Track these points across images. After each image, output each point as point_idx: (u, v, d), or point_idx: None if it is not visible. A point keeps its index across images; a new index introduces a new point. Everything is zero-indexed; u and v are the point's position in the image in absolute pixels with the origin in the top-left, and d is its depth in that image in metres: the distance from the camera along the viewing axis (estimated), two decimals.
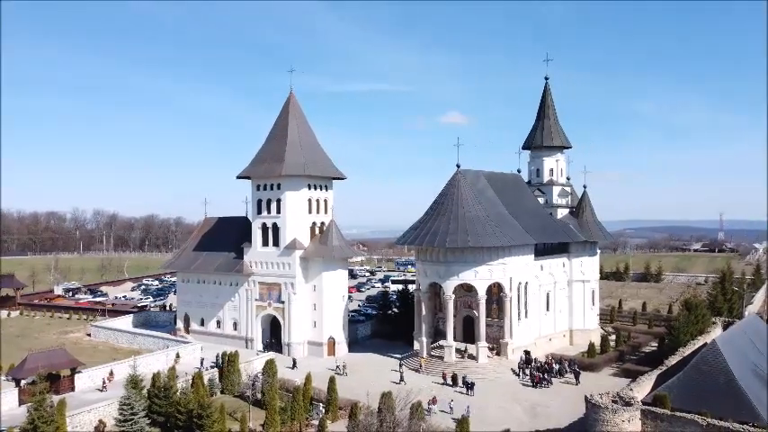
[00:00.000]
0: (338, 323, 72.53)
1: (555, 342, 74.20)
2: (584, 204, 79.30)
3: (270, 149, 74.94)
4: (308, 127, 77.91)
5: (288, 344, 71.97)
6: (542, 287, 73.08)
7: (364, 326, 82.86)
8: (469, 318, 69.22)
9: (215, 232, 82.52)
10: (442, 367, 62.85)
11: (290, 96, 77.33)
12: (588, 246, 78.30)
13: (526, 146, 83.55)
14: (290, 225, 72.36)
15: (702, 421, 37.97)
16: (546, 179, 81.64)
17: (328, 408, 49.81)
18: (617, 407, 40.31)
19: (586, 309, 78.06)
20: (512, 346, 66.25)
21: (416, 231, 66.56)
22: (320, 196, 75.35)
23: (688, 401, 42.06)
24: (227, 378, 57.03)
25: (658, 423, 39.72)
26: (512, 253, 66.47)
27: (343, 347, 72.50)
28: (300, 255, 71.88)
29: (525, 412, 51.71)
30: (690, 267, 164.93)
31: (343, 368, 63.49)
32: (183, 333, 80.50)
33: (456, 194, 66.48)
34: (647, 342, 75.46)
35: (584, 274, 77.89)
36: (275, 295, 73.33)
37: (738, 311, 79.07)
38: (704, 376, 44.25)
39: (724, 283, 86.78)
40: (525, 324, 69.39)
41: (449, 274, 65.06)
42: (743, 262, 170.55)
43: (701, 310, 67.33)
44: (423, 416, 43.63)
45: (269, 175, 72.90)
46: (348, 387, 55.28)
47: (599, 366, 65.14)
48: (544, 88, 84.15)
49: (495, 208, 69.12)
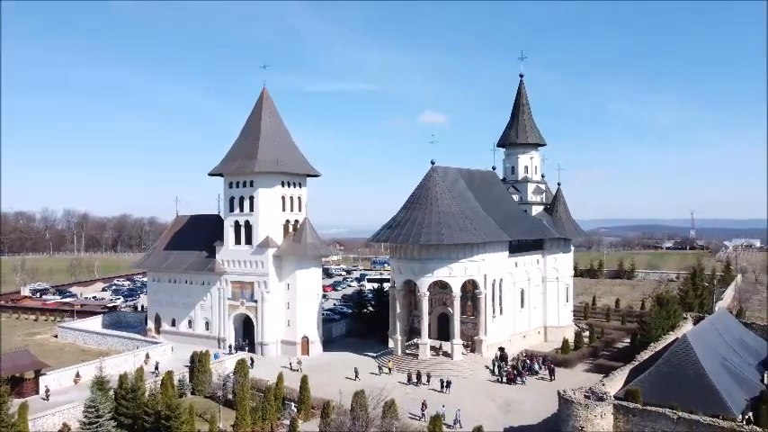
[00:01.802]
0: (312, 322, 71.69)
1: (529, 339, 74.33)
2: (558, 202, 79.63)
3: (242, 146, 73.80)
4: (282, 123, 76.92)
5: (261, 343, 70.93)
6: (517, 284, 73.14)
7: (339, 325, 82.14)
8: (444, 315, 68.96)
9: (187, 231, 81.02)
10: (414, 365, 62.43)
11: (262, 92, 76.25)
12: (562, 243, 78.65)
13: (501, 143, 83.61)
14: (263, 223, 71.33)
15: (673, 415, 38.10)
16: (521, 176, 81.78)
17: (300, 407, 49.08)
18: (590, 402, 40.27)
19: (560, 305, 78.39)
20: (486, 343, 66.15)
21: (391, 228, 66.06)
22: (294, 193, 74.42)
23: (659, 395, 42.22)
24: (198, 378, 55.93)
25: (630, 417, 39.77)
26: (486, 250, 66.37)
27: (318, 346, 71.70)
28: (274, 253, 70.89)
29: (499, 409, 51.57)
30: (662, 264, 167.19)
31: (299, 365, 62.97)
32: (154, 333, 78.90)
33: (430, 191, 66.15)
34: (620, 338, 75.99)
35: (558, 271, 78.21)
36: (248, 294, 72.21)
37: (709, 307, 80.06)
38: (675, 370, 44.49)
39: (695, 280, 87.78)
40: (500, 321, 69.35)
41: (423, 272, 64.70)
42: (713, 259, 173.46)
43: (673, 306, 67.93)
44: (396, 414, 43.11)
45: (241, 172, 71.77)
46: (321, 386, 54.66)
47: (573, 362, 65.36)
48: (519, 86, 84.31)
49: (470, 205, 68.98)
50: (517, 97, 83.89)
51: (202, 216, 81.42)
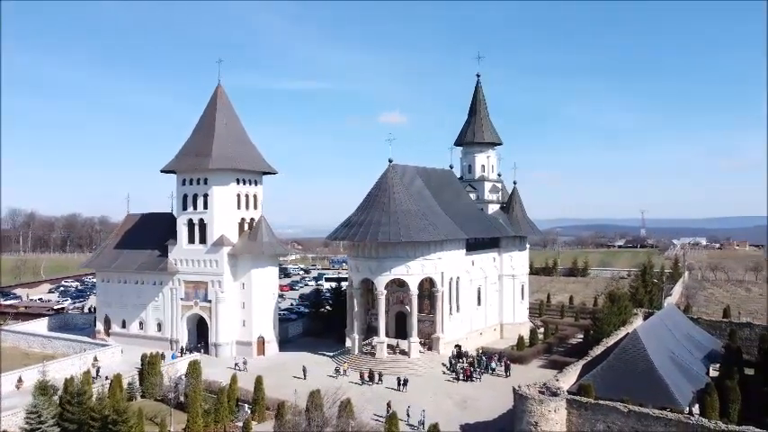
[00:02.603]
0: (268, 322, 70.57)
1: (486, 336, 75.01)
2: (514, 200, 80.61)
3: (196, 143, 72.09)
4: (237, 120, 75.46)
5: (215, 344, 69.42)
6: (473, 282, 73.67)
7: (296, 324, 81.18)
8: (402, 313, 68.87)
9: (138, 229, 78.68)
10: (371, 364, 62.11)
11: (217, 88, 74.64)
12: (518, 241, 79.63)
13: (458, 142, 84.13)
14: (218, 221, 69.82)
15: (624, 408, 38.84)
16: (477, 175, 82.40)
17: (255, 408, 48.12)
18: (544, 397, 40.70)
19: (516, 303, 79.40)
20: (443, 340, 66.36)
21: (348, 227, 65.56)
22: (249, 191, 73.10)
23: (611, 389, 43.02)
24: (148, 381, 54.20)
25: (583, 411, 40.36)
26: (443, 248, 66.59)
27: (274, 346, 70.62)
28: (228, 252, 69.48)
29: (456, 406, 51.72)
30: (614, 262, 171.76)
31: (244, 365, 62.19)
32: (104, 336, 76.33)
33: (388, 190, 65.93)
34: (573, 334, 77.44)
35: (513, 269, 79.17)
36: (202, 294, 70.57)
37: (658, 303, 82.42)
38: (626, 365, 45.41)
39: (645, 277, 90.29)
40: (457, 318, 69.70)
41: (381, 270, 64.44)
42: (662, 257, 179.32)
43: (624, 302, 69.60)
44: (352, 413, 42.69)
45: (195, 170, 70.11)
46: (277, 386, 53.82)
47: (528, 359, 66.20)
48: (476, 86, 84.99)
49: (427, 203, 69.10)
50: (474, 97, 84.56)
51: (154, 214, 79.21)
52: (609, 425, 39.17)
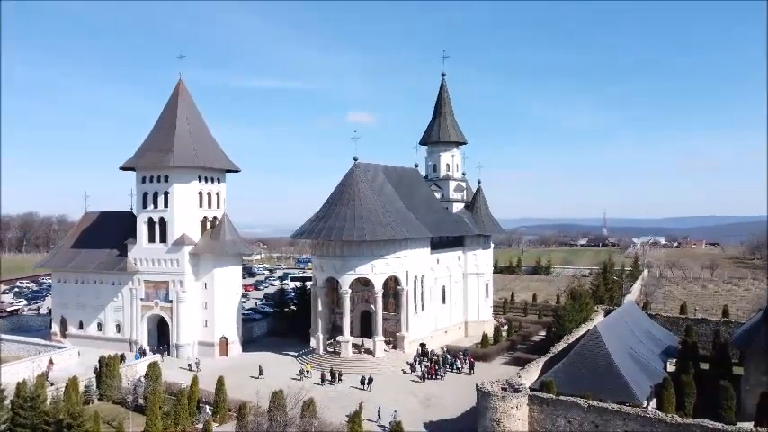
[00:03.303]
0: (231, 322, 69.52)
1: (450, 334, 75.39)
2: (478, 199, 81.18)
3: (156, 139, 70.54)
4: (199, 117, 74.13)
5: (176, 345, 68.04)
6: (438, 280, 73.93)
7: (260, 324, 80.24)
8: (367, 312, 68.69)
9: (96, 228, 76.58)
10: (335, 364, 61.77)
11: (178, 84, 73.15)
12: (482, 239, 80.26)
13: (424, 141, 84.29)
14: (179, 219, 68.44)
15: (584, 403, 39.40)
16: (442, 174, 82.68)
17: (216, 409, 47.27)
18: (506, 394, 40.99)
19: (480, 301, 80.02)
20: (408, 339, 66.41)
21: (312, 225, 65.06)
22: (212, 189, 71.88)
23: (572, 385, 43.59)
24: (106, 383, 52.75)
25: (544, 407, 40.81)
26: (408, 246, 66.64)
27: (237, 347, 69.62)
28: (190, 251, 68.19)
29: (420, 404, 51.77)
30: (576, 261, 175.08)
31: (197, 365, 61.52)
32: (60, 338, 74.09)
33: (353, 188, 65.64)
34: (536, 331, 78.42)
35: (478, 268, 79.75)
36: (163, 294, 69.09)
37: (618, 300, 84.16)
38: (586, 361, 46.07)
39: (605, 275, 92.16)
40: (422, 317, 69.85)
41: (345, 269, 64.11)
42: (623, 255, 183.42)
43: (585, 300, 70.89)
44: (314, 413, 42.28)
45: (155, 167, 68.57)
46: (239, 387, 53.06)
47: (492, 356, 66.75)
48: (441, 85, 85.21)
49: (393, 202, 69.04)
50: (439, 96, 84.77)
51: (113, 213, 77.24)
52: (569, 420, 39.70)
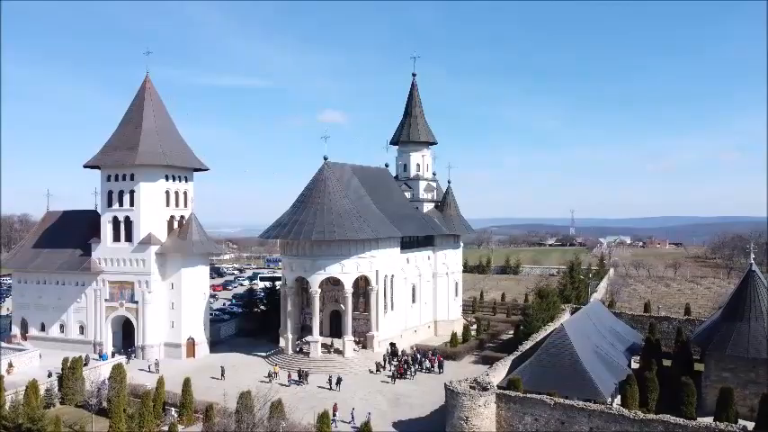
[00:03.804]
0: (198, 322, 68.56)
1: (420, 333, 75.65)
2: (448, 199, 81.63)
3: (122, 137, 69.16)
4: (167, 114, 72.91)
5: (142, 346, 66.81)
6: (408, 280, 74.10)
7: (228, 325, 79.34)
8: (337, 312, 68.49)
9: (59, 227, 74.69)
10: (305, 364, 61.44)
11: (145, 81, 71.79)
12: (452, 239, 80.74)
13: (394, 141, 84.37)
14: (145, 219, 67.21)
15: (550, 401, 39.94)
16: (413, 174, 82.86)
17: (182, 411, 46.54)
18: (474, 392, 41.30)
19: (450, 300, 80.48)
20: (378, 338, 66.42)
21: (282, 225, 64.58)
22: (179, 188, 70.78)
23: (539, 383, 44.14)
24: (68, 387, 51.48)
25: (512, 405, 41.24)
26: (378, 246, 66.63)
27: (204, 348, 68.69)
28: (156, 251, 67.01)
29: (389, 403, 51.82)
30: (545, 260, 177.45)
31: (156, 366, 60.88)
32: (20, 340, 72.06)
33: (323, 187, 65.38)
34: (505, 330, 79.19)
35: (448, 267, 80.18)
36: (128, 295, 67.75)
37: (584, 299, 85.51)
38: (553, 359, 46.69)
39: (572, 274, 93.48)
40: (391, 316, 69.91)
41: (315, 268, 63.80)
42: (590, 255, 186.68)
43: (552, 298, 71.85)
44: (283, 413, 41.94)
45: (121, 165, 67.21)
46: (206, 389, 52.41)
47: (461, 355, 67.19)
48: (411, 85, 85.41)
49: (363, 201, 68.96)
50: (410, 96, 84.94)
51: (77, 212, 75.46)
52: (536, 417, 40.20)
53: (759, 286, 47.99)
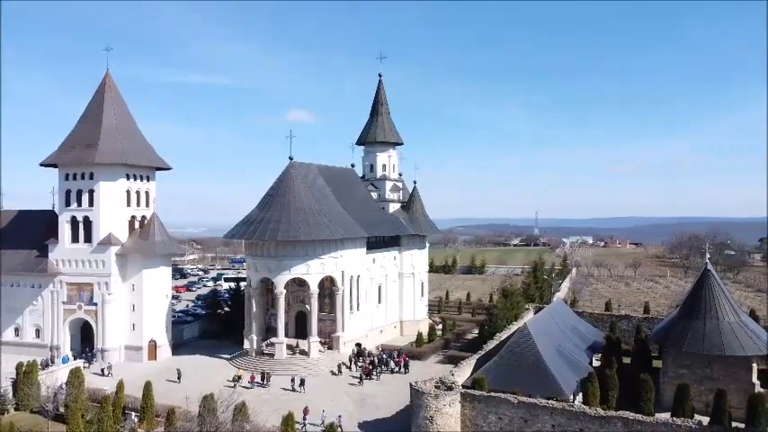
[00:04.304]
0: (161, 324, 67.25)
1: (386, 333, 75.76)
2: (414, 199, 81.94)
3: (81, 134, 67.34)
4: (127, 112, 71.29)
5: (102, 350, 65.17)
6: (374, 280, 74.13)
7: (192, 326, 78.00)
8: (302, 313, 68.05)
9: (13, 228, 72.13)
10: (270, 365, 60.87)
11: (105, 77, 70.04)
12: (418, 239, 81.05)
13: (360, 141, 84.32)
14: (105, 219, 65.60)
15: (514, 399, 40.42)
16: (379, 174, 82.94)
17: (143, 416, 45.56)
18: (439, 392, 41.51)
19: (416, 300, 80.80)
20: (344, 339, 66.25)
21: (247, 225, 63.86)
22: (141, 187, 69.31)
23: (503, 382, 44.63)
24: (23, 392, 49.83)
25: (476, 404, 41.58)
26: (344, 246, 66.46)
27: (167, 350, 67.43)
28: (117, 251, 65.47)
29: (355, 404, 51.70)
30: (509, 260, 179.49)
31: (109, 369, 59.91)
32: None
33: (288, 187, 64.90)
34: (470, 329, 79.85)
35: (413, 267, 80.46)
36: (87, 297, 66.02)
37: (548, 298, 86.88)
38: (517, 358, 47.28)
39: (536, 274, 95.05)
40: (357, 317, 69.83)
41: (280, 269, 63.27)
42: (553, 254, 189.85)
43: (516, 298, 72.81)
44: (246, 416, 41.46)
45: (79, 163, 65.45)
46: (168, 392, 51.40)
47: (426, 355, 67.50)
48: (377, 86, 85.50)
49: (328, 201, 68.70)
50: (376, 96, 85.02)
51: (32, 211, 73.05)
52: (500, 416, 40.62)
53: (714, 285, 49.46)
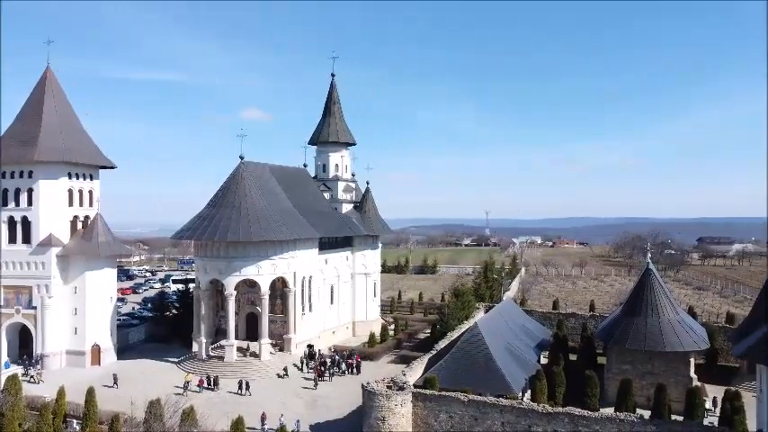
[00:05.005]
0: (105, 328, 65.05)
1: (338, 334, 75.51)
2: (367, 200, 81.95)
3: (19, 131, 64.40)
4: (70, 108, 68.65)
5: (41, 355, 62.54)
6: (327, 281, 73.78)
7: (138, 330, 75.81)
8: (253, 314, 67.09)
9: None
10: (217, 369, 59.76)
11: (46, 72, 67.22)
12: (371, 240, 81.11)
13: (313, 141, 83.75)
14: (45, 219, 62.99)
15: (464, 398, 40.92)
16: (331, 174, 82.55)
17: (85, 423, 43.97)
18: (390, 392, 41.61)
19: (369, 300, 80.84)
20: (295, 340, 65.68)
21: (196, 225, 62.54)
22: (84, 187, 66.88)
23: (454, 380, 45.17)
24: None
25: (427, 403, 41.89)
26: (296, 247, 65.91)
27: (111, 355, 65.31)
28: (58, 253, 62.98)
29: (306, 406, 51.30)
30: (461, 260, 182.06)
31: (39, 376, 58.19)
32: None
33: (239, 187, 63.88)
34: (422, 329, 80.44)
35: (366, 268, 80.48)
36: (25, 300, 63.20)
37: (498, 297, 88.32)
38: (467, 356, 47.92)
39: (487, 273, 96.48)
40: (309, 318, 69.35)
41: (230, 270, 62.21)
42: (503, 254, 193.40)
43: (467, 297, 73.72)
44: (195, 421, 40.57)
45: (17, 161, 62.53)
46: (112, 398, 49.88)
47: (379, 355, 67.61)
48: (330, 85, 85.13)
49: (280, 201, 68.01)
50: (329, 96, 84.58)
51: None
52: (451, 415, 41.04)
53: (655, 284, 51.38)
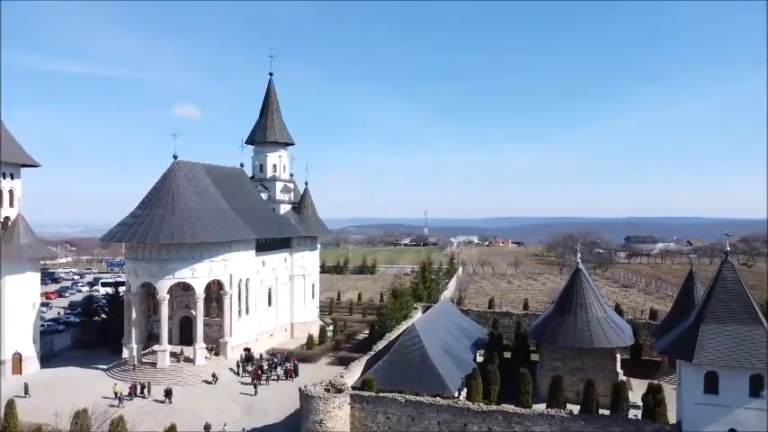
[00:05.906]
0: (27, 335, 61.70)
1: (276, 337, 74.56)
2: (305, 201, 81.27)
3: None
4: None
5: None
6: (264, 283, 72.71)
7: (63, 336, 72.28)
8: (187, 318, 65.35)
9: None
10: (149, 375, 57.89)
11: None
12: (309, 240, 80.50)
13: (250, 141, 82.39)
14: None
15: (401, 398, 41.22)
16: (269, 175, 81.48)
17: None
18: (328, 395, 41.42)
19: (307, 302, 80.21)
20: (232, 344, 64.36)
21: (127, 226, 60.32)
22: (4, 186, 63.22)
23: (392, 381, 45.40)
24: None
25: (365, 405, 41.95)
26: (233, 249, 64.61)
27: (34, 363, 62.04)
28: None
29: (242, 411, 50.36)
30: (400, 260, 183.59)
31: None
32: None
33: (172, 187, 62.08)
34: (361, 330, 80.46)
35: (304, 269, 79.83)
36: None
37: (435, 297, 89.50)
38: (405, 357, 48.24)
39: (425, 273, 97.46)
40: (246, 321, 68.13)
41: (163, 273, 60.33)
42: (441, 254, 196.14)
43: (406, 298, 74.27)
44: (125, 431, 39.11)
45: None
46: (35, 409, 47.50)
47: (317, 357, 67.19)
48: (268, 85, 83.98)
49: (216, 202, 66.53)
50: (267, 96, 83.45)
51: None
52: (388, 415, 41.26)
53: (584, 282, 53.33)
